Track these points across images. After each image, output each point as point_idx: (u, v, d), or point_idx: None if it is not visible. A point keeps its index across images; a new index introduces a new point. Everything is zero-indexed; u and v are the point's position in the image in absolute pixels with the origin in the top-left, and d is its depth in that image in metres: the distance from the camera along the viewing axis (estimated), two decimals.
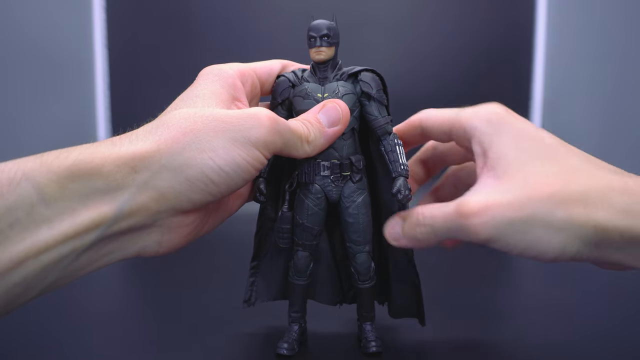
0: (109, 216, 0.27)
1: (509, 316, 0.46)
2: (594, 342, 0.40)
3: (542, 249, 0.29)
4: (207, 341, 0.40)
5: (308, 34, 0.35)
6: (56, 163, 0.27)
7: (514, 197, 0.29)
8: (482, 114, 0.32)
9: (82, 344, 0.40)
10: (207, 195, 0.30)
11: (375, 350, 0.37)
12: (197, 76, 0.34)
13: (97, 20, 0.93)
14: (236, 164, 0.29)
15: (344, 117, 0.34)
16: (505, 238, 0.29)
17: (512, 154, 0.30)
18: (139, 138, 0.29)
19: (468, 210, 0.29)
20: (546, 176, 0.29)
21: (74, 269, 0.28)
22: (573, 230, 0.28)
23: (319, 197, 0.36)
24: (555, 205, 0.28)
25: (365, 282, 0.37)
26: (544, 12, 0.95)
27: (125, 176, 0.28)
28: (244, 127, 0.30)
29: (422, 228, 0.32)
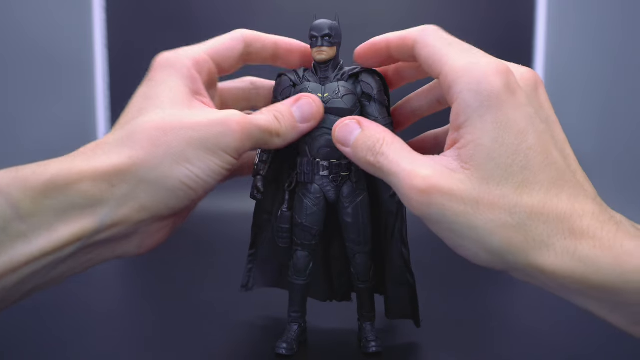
0: (90, 229, 0.28)
1: (509, 316, 0.46)
2: (594, 342, 0.40)
3: (469, 256, 0.28)
4: (206, 341, 0.40)
5: (310, 34, 0.35)
6: (32, 179, 0.27)
7: (462, 196, 0.27)
8: (474, 77, 0.27)
9: (82, 342, 0.40)
10: (186, 201, 0.30)
11: (376, 350, 0.37)
12: (152, 66, 0.34)
13: (97, 20, 0.93)
14: (210, 169, 0.30)
15: (317, 114, 0.34)
16: (438, 228, 0.28)
17: (485, 146, 0.27)
18: (112, 150, 0.29)
19: (414, 182, 0.28)
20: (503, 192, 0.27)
21: (54, 277, 0.29)
22: (504, 258, 0.27)
23: (318, 196, 0.36)
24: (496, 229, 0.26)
25: (365, 283, 0.37)
26: (544, 12, 0.95)
27: (103, 191, 0.28)
28: (214, 136, 0.30)
29: (371, 157, 0.30)
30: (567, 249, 0.26)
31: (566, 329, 0.43)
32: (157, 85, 0.32)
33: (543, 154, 0.27)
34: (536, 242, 0.26)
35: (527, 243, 0.26)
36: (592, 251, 0.25)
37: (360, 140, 0.31)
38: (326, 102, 0.35)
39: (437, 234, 0.29)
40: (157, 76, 0.33)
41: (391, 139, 0.30)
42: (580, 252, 0.26)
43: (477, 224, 0.27)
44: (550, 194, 0.27)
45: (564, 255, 0.26)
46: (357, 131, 0.31)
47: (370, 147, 0.30)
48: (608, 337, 0.41)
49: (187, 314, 0.45)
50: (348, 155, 0.32)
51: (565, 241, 0.26)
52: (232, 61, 0.36)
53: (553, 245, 0.26)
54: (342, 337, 0.40)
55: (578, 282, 0.26)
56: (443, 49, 0.30)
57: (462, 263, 0.61)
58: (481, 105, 0.27)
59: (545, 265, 0.26)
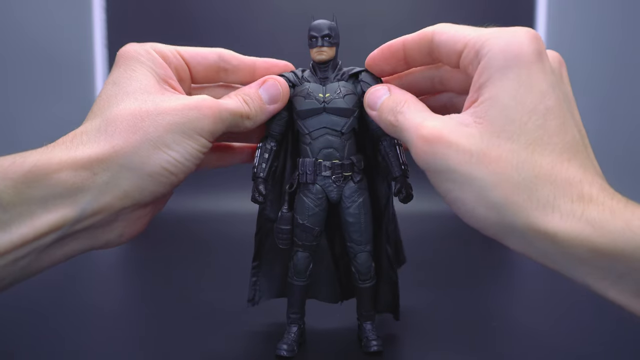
0: (71, 218, 0.28)
1: (509, 316, 0.46)
2: (594, 342, 0.40)
3: (465, 212, 0.27)
4: (206, 342, 0.40)
5: (309, 34, 0.35)
6: (12, 169, 0.27)
7: (469, 147, 0.26)
8: (503, 39, 0.27)
9: (82, 342, 0.40)
10: (168, 186, 0.31)
11: (376, 350, 0.37)
12: (117, 58, 0.33)
13: (97, 20, 0.93)
14: (188, 153, 0.31)
15: (283, 95, 0.35)
16: (439, 179, 0.28)
17: (502, 102, 0.26)
18: (91, 139, 0.29)
19: (421, 131, 0.28)
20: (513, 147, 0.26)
21: (35, 267, 0.29)
22: (502, 215, 0.26)
23: (320, 197, 0.36)
24: (498, 182, 0.26)
25: (366, 282, 0.37)
26: (544, 11, 0.95)
27: (84, 179, 0.28)
28: (189, 120, 0.30)
29: (392, 117, 0.31)
30: (573, 212, 0.24)
31: (566, 329, 0.43)
32: (125, 73, 0.32)
33: (560, 119, 0.27)
34: (540, 202, 0.25)
35: (530, 202, 0.25)
36: (601, 214, 0.24)
37: (385, 103, 0.32)
38: (328, 102, 0.35)
39: (436, 187, 0.28)
40: (124, 65, 0.33)
41: (413, 101, 0.31)
42: (588, 214, 0.24)
43: (480, 175, 0.26)
44: (562, 157, 0.26)
45: (570, 217, 0.24)
46: (385, 95, 0.32)
47: (392, 107, 0.31)
48: (608, 337, 0.41)
49: (186, 315, 0.45)
50: (374, 118, 0.33)
51: (572, 204, 0.25)
52: (204, 67, 0.36)
53: (558, 206, 0.25)
54: (341, 337, 0.40)
55: (583, 247, 0.24)
56: (465, 29, 0.30)
57: (462, 263, 0.61)
58: (506, 64, 0.27)
59: (548, 227, 0.25)
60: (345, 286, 0.41)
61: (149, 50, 0.33)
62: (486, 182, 0.26)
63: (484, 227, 0.27)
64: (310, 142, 0.35)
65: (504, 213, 0.26)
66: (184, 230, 0.77)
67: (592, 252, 0.24)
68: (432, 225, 0.36)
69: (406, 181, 0.35)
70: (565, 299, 0.50)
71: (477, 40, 0.28)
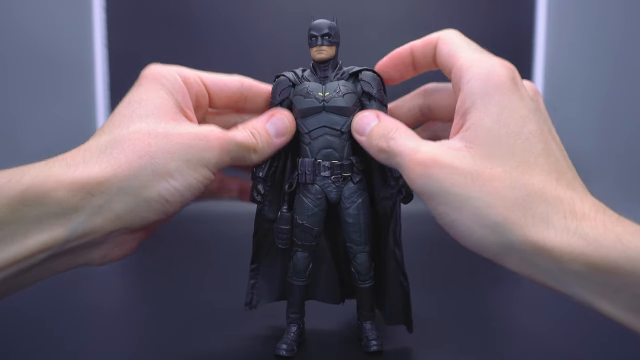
0: (62, 238, 0.28)
1: (509, 316, 0.46)
2: (593, 343, 0.40)
3: (462, 233, 0.28)
4: (206, 342, 0.40)
5: (309, 33, 0.35)
6: (8, 186, 0.27)
7: (462, 169, 0.27)
8: (484, 69, 0.29)
9: (82, 342, 0.40)
10: (162, 214, 0.31)
11: (377, 349, 0.37)
12: (140, 77, 0.34)
13: (97, 20, 0.93)
14: (189, 184, 0.31)
15: (290, 128, 0.35)
16: (435, 202, 0.28)
17: (488, 127, 0.28)
18: (93, 159, 0.29)
19: (416, 156, 0.28)
20: (504, 168, 0.27)
21: (18, 284, 0.29)
22: (499, 234, 0.26)
23: (319, 197, 0.36)
24: (493, 201, 0.26)
25: (366, 282, 0.37)
26: (544, 12, 0.95)
27: (80, 200, 0.28)
28: (196, 149, 0.30)
29: (383, 143, 0.31)
30: (567, 227, 0.25)
31: (566, 330, 0.43)
32: (145, 94, 0.32)
33: (543, 142, 0.28)
34: (535, 218, 0.26)
35: (525, 219, 0.26)
36: (594, 229, 0.25)
37: (375, 129, 0.32)
38: (327, 101, 0.35)
39: (432, 210, 0.29)
40: (146, 85, 0.33)
41: (404, 128, 0.31)
42: (582, 229, 0.25)
43: (476, 195, 0.27)
44: (550, 177, 0.27)
45: (565, 232, 0.25)
46: (375, 122, 0.32)
47: (383, 134, 0.31)
48: (608, 339, 0.41)
49: (186, 314, 0.45)
50: (362, 143, 0.33)
51: (565, 220, 0.26)
52: (226, 96, 0.37)
53: (553, 223, 0.26)
54: (341, 337, 0.40)
55: (578, 261, 0.25)
56: (462, 46, 0.32)
57: (462, 263, 0.61)
58: (487, 91, 0.29)
59: (545, 242, 0.25)
60: (346, 286, 0.41)
61: (172, 74, 0.34)
62: (482, 201, 0.27)
63: (483, 248, 0.28)
64: (310, 142, 0.35)
65: (502, 231, 0.26)
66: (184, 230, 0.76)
67: (588, 267, 0.25)
68: (432, 225, 0.35)
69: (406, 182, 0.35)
70: (565, 299, 0.49)
71: (462, 65, 0.30)
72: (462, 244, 0.29)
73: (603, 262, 0.24)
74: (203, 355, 0.38)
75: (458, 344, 0.40)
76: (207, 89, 0.36)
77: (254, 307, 0.40)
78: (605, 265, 0.24)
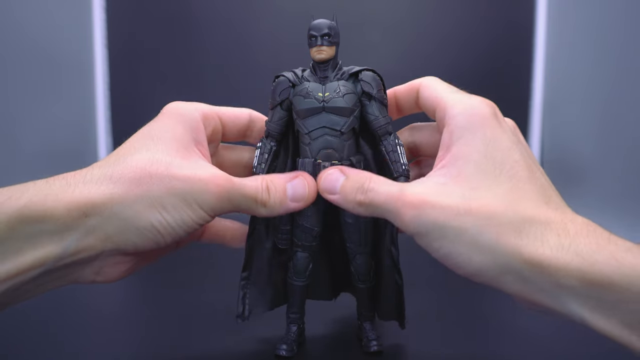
0: (55, 255, 0.29)
1: (509, 318, 0.46)
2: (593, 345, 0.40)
3: (461, 263, 0.28)
4: (205, 343, 0.40)
5: (309, 33, 0.35)
6: (7, 204, 0.27)
7: (453, 204, 0.28)
8: (467, 105, 0.31)
9: (81, 343, 0.40)
10: (152, 243, 0.31)
11: (377, 349, 0.37)
12: (161, 112, 0.35)
13: (97, 20, 0.93)
14: (182, 220, 0.31)
15: (309, 197, 0.35)
16: (429, 239, 0.29)
17: (473, 159, 0.29)
18: (93, 180, 0.30)
19: (405, 199, 0.29)
20: (493, 195, 0.28)
21: (7, 301, 0.29)
22: (496, 257, 0.27)
23: (319, 198, 0.35)
24: (487, 227, 0.27)
25: (366, 282, 0.37)
26: (544, 12, 0.95)
27: (75, 219, 0.29)
28: (194, 191, 0.30)
29: (361, 196, 0.31)
30: (561, 244, 0.26)
31: (566, 330, 0.43)
32: (160, 128, 0.33)
33: (528, 169, 0.29)
34: (529, 238, 0.27)
35: (520, 239, 0.27)
36: (588, 247, 0.26)
37: (347, 185, 0.32)
38: (327, 102, 0.35)
39: (427, 247, 0.29)
40: (163, 120, 0.34)
41: (377, 177, 0.32)
42: (576, 247, 0.26)
43: (470, 224, 0.27)
44: (539, 202, 0.28)
45: (559, 249, 0.26)
46: (342, 178, 0.33)
47: (358, 187, 0.31)
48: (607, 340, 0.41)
49: (186, 315, 0.45)
50: (336, 202, 0.33)
51: (559, 238, 0.26)
52: (237, 128, 0.38)
53: (547, 241, 0.26)
54: (341, 337, 0.40)
55: (573, 277, 0.25)
56: (444, 88, 0.33)
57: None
58: (472, 125, 0.30)
59: (541, 259, 0.26)
60: (337, 281, 0.41)
61: (191, 111, 0.34)
62: (476, 229, 0.27)
63: (481, 273, 0.28)
64: (310, 142, 0.35)
65: (498, 254, 0.27)
66: None
67: (583, 282, 0.25)
68: None
69: (407, 181, 0.35)
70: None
71: (446, 104, 0.32)
72: (461, 272, 0.29)
73: (598, 277, 0.25)
74: (203, 357, 0.38)
75: (457, 344, 0.40)
76: (221, 122, 0.37)
77: (247, 319, 0.38)
78: (600, 280, 0.25)
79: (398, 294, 0.37)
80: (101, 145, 0.95)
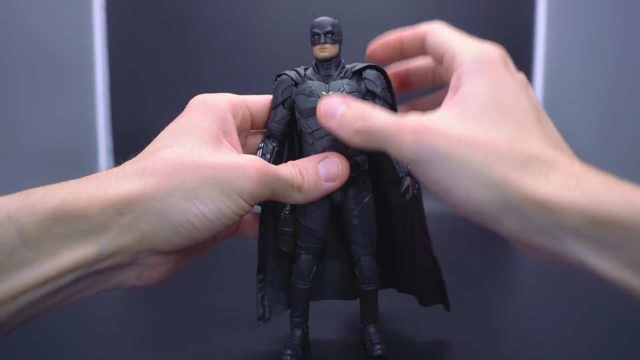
0: (91, 257, 0.27)
1: (509, 317, 0.46)
2: (593, 344, 0.40)
3: (459, 199, 0.27)
4: (209, 348, 0.39)
5: (312, 31, 0.34)
6: (41, 204, 0.26)
7: (457, 134, 0.27)
8: (476, 50, 0.30)
9: (82, 343, 0.40)
10: (189, 240, 0.30)
11: (380, 353, 0.36)
12: (188, 105, 0.34)
13: (97, 20, 0.93)
14: (221, 212, 0.29)
15: (342, 174, 0.34)
16: (428, 168, 0.27)
17: (480, 99, 0.28)
18: (126, 177, 0.29)
19: (405, 124, 0.28)
20: (499, 132, 0.27)
21: (50, 306, 0.28)
22: (498, 193, 0.26)
23: (323, 198, 0.35)
24: (493, 161, 0.26)
25: (370, 285, 0.37)
26: (544, 12, 0.95)
27: (109, 218, 0.27)
28: (231, 178, 0.29)
29: (360, 123, 0.29)
30: (568, 184, 0.25)
31: (566, 330, 0.43)
32: (188, 122, 0.32)
33: (536, 117, 0.28)
34: (534, 176, 0.26)
35: (524, 177, 0.25)
36: (596, 186, 0.25)
37: (347, 113, 0.30)
38: None
39: (424, 178, 0.28)
40: (190, 114, 0.33)
41: (378, 108, 0.30)
42: (582, 186, 0.25)
43: (474, 157, 0.26)
44: (547, 147, 0.27)
45: (565, 188, 0.25)
46: (343, 106, 0.31)
47: (359, 116, 0.30)
48: (607, 338, 0.41)
49: (190, 318, 0.45)
50: (333, 129, 0.31)
51: (565, 179, 0.25)
52: (264, 115, 0.37)
53: (553, 180, 0.25)
54: (345, 341, 0.40)
55: (578, 216, 0.24)
56: (452, 34, 0.32)
57: (462, 263, 0.61)
58: (481, 68, 0.29)
59: (545, 197, 0.25)
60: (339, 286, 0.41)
61: (218, 102, 0.33)
62: (480, 162, 0.26)
63: (481, 211, 0.27)
64: (313, 142, 0.35)
65: (501, 190, 0.26)
66: None
67: (588, 221, 0.24)
68: (431, 226, 0.36)
69: (413, 181, 0.34)
70: (565, 299, 0.50)
71: (454, 48, 0.31)
72: (458, 210, 0.28)
73: (605, 216, 0.24)
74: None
75: (458, 344, 0.40)
76: (249, 111, 0.36)
77: (268, 320, 0.38)
78: (606, 219, 0.24)
79: (438, 280, 0.38)
80: (101, 145, 0.95)
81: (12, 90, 0.92)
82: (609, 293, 0.51)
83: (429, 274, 0.38)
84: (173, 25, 0.93)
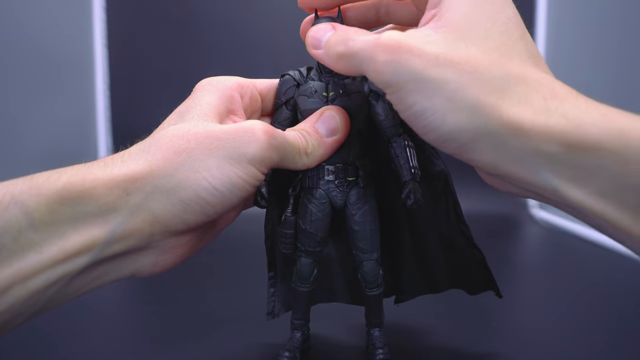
0: (101, 240, 0.27)
1: (509, 316, 0.46)
2: (593, 343, 0.40)
3: (433, 122, 0.25)
4: (206, 349, 0.39)
5: None
6: (46, 186, 0.26)
7: (434, 52, 0.25)
8: None
9: (81, 344, 0.40)
10: (202, 216, 0.29)
11: (383, 358, 0.36)
12: (194, 88, 0.33)
13: (97, 20, 0.93)
14: (232, 183, 0.28)
15: (343, 125, 0.33)
16: (403, 92, 0.26)
17: (463, 9, 0.26)
18: (132, 157, 0.28)
19: (380, 41, 0.26)
20: (481, 48, 0.25)
21: (66, 293, 0.28)
22: (473, 117, 0.24)
23: (323, 202, 0.35)
24: (469, 81, 0.24)
25: (373, 290, 0.36)
26: (544, 12, 0.95)
27: (117, 199, 0.27)
28: (239, 143, 0.28)
29: (342, 47, 0.28)
30: (547, 107, 0.24)
31: (566, 330, 0.43)
32: (193, 102, 0.32)
33: (520, 29, 0.27)
34: (513, 99, 0.24)
35: (502, 100, 0.24)
36: (575, 108, 0.24)
37: (332, 38, 0.29)
38: (332, 101, 0.34)
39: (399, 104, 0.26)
40: (195, 94, 0.32)
41: (363, 30, 0.29)
42: (562, 109, 0.24)
43: (450, 77, 0.25)
44: (528, 63, 0.26)
45: (544, 112, 0.24)
46: (330, 32, 0.29)
47: (342, 39, 0.28)
48: (607, 338, 0.41)
49: (188, 320, 0.45)
50: (319, 57, 0.30)
51: (545, 101, 0.24)
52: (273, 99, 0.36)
53: (531, 102, 0.24)
54: (347, 345, 0.40)
55: (555, 140, 0.24)
56: None
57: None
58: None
59: (522, 122, 0.24)
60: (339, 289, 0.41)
61: (223, 82, 0.33)
62: (457, 83, 0.24)
63: (454, 136, 0.25)
64: None
65: (477, 114, 0.24)
66: None
67: (564, 146, 0.24)
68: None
69: (416, 186, 0.33)
70: (565, 299, 0.50)
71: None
72: (431, 136, 0.26)
73: (583, 140, 0.23)
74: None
75: (458, 345, 0.40)
76: (260, 94, 0.35)
77: (277, 316, 0.38)
78: (584, 143, 0.23)
79: (483, 267, 0.37)
80: (101, 145, 0.95)
81: (12, 90, 0.91)
82: (609, 293, 0.51)
83: (473, 261, 0.37)
84: (173, 25, 0.93)
